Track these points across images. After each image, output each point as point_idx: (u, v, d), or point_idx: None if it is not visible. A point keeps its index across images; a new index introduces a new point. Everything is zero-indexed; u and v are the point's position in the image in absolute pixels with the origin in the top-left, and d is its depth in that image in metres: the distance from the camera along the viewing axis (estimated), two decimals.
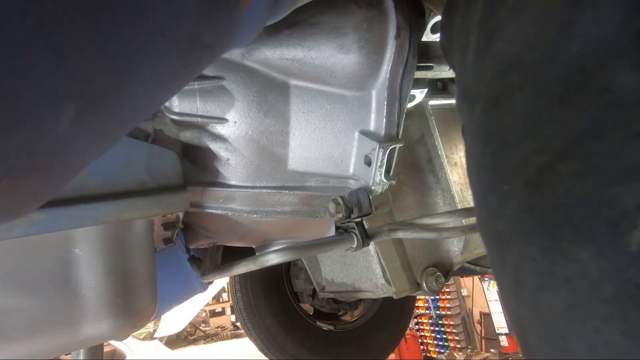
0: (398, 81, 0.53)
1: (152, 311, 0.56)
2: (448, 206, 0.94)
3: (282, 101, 0.56)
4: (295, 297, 1.61)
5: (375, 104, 0.56)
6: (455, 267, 0.94)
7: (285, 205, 0.66)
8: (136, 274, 0.54)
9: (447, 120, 1.07)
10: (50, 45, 0.16)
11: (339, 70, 0.52)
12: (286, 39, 0.50)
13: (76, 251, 0.49)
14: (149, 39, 0.20)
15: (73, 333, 0.49)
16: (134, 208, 0.49)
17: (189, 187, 0.57)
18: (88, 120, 0.19)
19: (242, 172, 0.60)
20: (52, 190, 0.21)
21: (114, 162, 0.50)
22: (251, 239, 0.87)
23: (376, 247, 0.85)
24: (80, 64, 0.17)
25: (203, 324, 7.02)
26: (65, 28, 0.16)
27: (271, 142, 0.57)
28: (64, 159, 0.20)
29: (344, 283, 1.03)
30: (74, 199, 0.46)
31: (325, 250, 0.60)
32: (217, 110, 0.54)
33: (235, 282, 1.55)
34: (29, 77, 0.16)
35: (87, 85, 0.18)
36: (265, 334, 1.50)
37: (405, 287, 0.87)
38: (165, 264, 1.09)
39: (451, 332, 7.14)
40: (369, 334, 1.66)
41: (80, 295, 0.49)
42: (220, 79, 0.53)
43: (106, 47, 0.18)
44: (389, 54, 0.52)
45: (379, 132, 0.56)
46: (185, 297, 1.21)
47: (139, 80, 0.21)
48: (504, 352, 6.32)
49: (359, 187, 0.60)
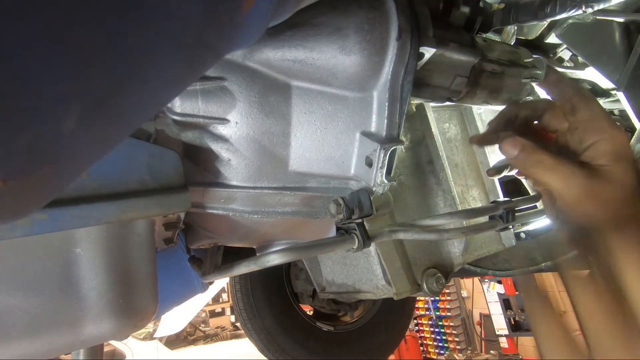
0: (399, 82, 0.53)
1: (153, 311, 0.56)
2: (449, 207, 0.94)
3: (284, 102, 0.56)
4: (295, 298, 1.61)
5: (377, 105, 0.56)
6: (456, 269, 0.94)
7: (286, 205, 0.66)
8: (137, 274, 0.54)
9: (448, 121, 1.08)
10: (57, 46, 0.16)
11: (340, 71, 0.52)
12: (288, 40, 0.50)
13: (77, 251, 0.49)
14: (154, 40, 0.20)
15: (74, 333, 0.49)
16: (135, 208, 0.49)
17: (191, 187, 0.57)
18: (93, 120, 0.20)
19: (244, 172, 0.60)
20: (56, 190, 0.21)
21: (115, 162, 0.50)
22: (252, 239, 0.87)
23: (377, 248, 0.85)
24: (86, 65, 0.17)
25: (203, 324, 7.02)
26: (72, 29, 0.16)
27: (272, 143, 0.58)
28: (69, 159, 0.20)
29: (345, 284, 1.03)
30: (76, 199, 0.46)
31: (326, 251, 0.60)
32: (218, 111, 0.54)
33: (235, 283, 1.55)
34: (34, 78, 0.16)
35: (92, 85, 0.18)
36: (265, 334, 1.50)
37: (405, 288, 0.87)
38: (165, 264, 1.09)
39: (451, 334, 7.14)
40: (369, 335, 1.66)
41: (82, 295, 0.49)
42: (222, 79, 0.53)
43: (111, 48, 0.18)
44: (391, 56, 0.52)
45: (380, 133, 0.56)
46: (186, 297, 1.21)
47: (144, 81, 0.21)
48: (503, 354, 6.32)
49: (360, 188, 0.60)
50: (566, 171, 0.50)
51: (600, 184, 0.49)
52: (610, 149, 0.50)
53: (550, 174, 0.51)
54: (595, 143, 0.51)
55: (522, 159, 0.53)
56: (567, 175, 0.50)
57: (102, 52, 0.18)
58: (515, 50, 0.75)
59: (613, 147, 0.50)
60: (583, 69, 1.18)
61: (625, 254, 0.49)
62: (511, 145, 0.54)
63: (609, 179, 0.49)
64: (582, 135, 0.52)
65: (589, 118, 0.52)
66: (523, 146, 0.53)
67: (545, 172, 0.52)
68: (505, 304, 6.07)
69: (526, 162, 0.53)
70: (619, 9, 0.98)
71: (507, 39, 0.98)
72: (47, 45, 0.16)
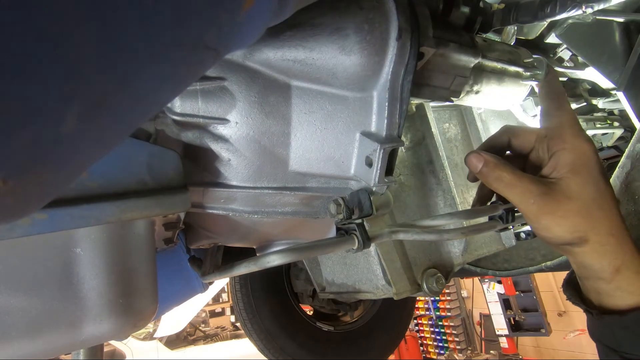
0: (399, 82, 0.53)
1: (153, 311, 0.56)
2: (449, 207, 0.94)
3: (284, 102, 0.56)
4: (295, 298, 1.61)
5: (377, 105, 0.56)
6: (456, 269, 0.94)
7: (286, 205, 0.66)
8: (137, 274, 0.54)
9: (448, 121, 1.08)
10: (57, 46, 0.16)
11: (340, 71, 0.52)
12: (288, 40, 0.50)
13: (77, 251, 0.49)
14: (154, 40, 0.20)
15: (74, 333, 0.49)
16: (135, 208, 0.49)
17: (190, 187, 0.57)
18: (92, 120, 0.20)
19: (244, 172, 0.60)
20: (56, 190, 0.21)
21: (115, 162, 0.50)
22: (252, 239, 0.87)
23: (377, 248, 0.85)
24: (86, 65, 0.17)
25: (203, 324, 7.02)
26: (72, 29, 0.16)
27: (272, 143, 0.58)
28: (69, 159, 0.20)
29: (345, 284, 1.03)
30: (76, 199, 0.46)
31: (326, 251, 0.60)
32: (218, 111, 0.54)
33: (235, 283, 1.55)
34: (34, 78, 0.16)
35: (92, 85, 0.18)
36: (265, 334, 1.50)
37: (405, 288, 0.87)
38: (165, 264, 1.09)
39: (451, 334, 7.14)
40: (369, 335, 1.66)
41: (82, 295, 0.49)
42: (222, 79, 0.53)
43: (112, 48, 0.18)
44: (391, 56, 0.52)
45: (380, 133, 0.56)
46: (186, 297, 1.21)
47: (143, 81, 0.21)
48: (503, 354, 6.32)
49: (360, 188, 0.60)
50: (522, 188, 0.51)
51: (555, 200, 0.50)
52: (569, 160, 0.51)
53: (508, 190, 0.53)
54: (556, 153, 0.52)
55: (485, 174, 0.55)
56: (523, 192, 0.51)
57: (102, 52, 0.18)
58: (515, 50, 0.75)
59: (572, 158, 0.51)
60: (583, 69, 1.18)
61: (584, 270, 0.52)
62: (476, 160, 0.55)
63: (564, 193, 0.50)
64: (548, 143, 0.53)
65: (556, 126, 0.53)
66: (486, 161, 0.54)
67: (504, 188, 0.53)
68: (505, 304, 6.07)
69: (489, 177, 0.54)
70: (619, 9, 0.98)
71: (507, 39, 0.98)
72: (47, 45, 0.16)
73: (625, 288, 0.49)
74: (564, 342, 5.78)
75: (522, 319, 5.94)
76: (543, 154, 0.54)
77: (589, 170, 0.50)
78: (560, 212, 0.50)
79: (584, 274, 0.53)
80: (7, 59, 0.15)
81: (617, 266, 0.49)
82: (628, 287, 0.49)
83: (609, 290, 0.50)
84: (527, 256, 1.38)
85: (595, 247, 0.49)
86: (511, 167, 0.53)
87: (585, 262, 0.51)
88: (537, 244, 1.35)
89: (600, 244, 0.49)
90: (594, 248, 0.49)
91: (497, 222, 0.65)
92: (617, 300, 0.50)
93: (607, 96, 1.38)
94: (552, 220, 0.50)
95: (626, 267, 0.49)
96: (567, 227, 0.50)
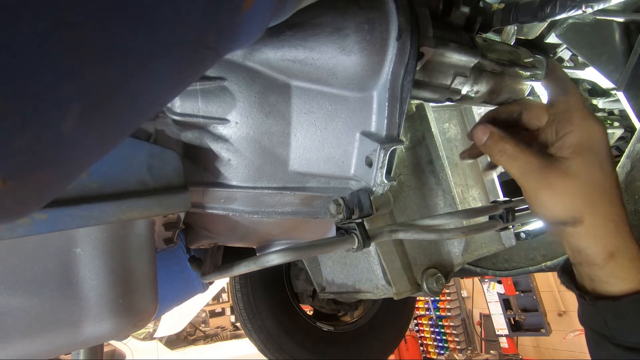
0: (399, 82, 0.53)
1: (153, 311, 0.56)
2: (449, 207, 0.94)
3: (284, 102, 0.56)
4: (295, 298, 1.61)
5: (377, 105, 0.56)
6: (456, 269, 0.94)
7: (286, 205, 0.66)
8: (137, 274, 0.54)
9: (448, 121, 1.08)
10: (57, 46, 0.16)
11: (340, 71, 0.52)
12: (288, 40, 0.50)
13: (78, 251, 0.49)
14: (154, 40, 0.20)
15: (74, 333, 0.49)
16: (135, 208, 0.49)
17: (190, 187, 0.57)
18: (92, 121, 0.20)
19: (243, 172, 0.60)
20: (57, 191, 0.21)
21: (115, 163, 0.50)
22: (252, 239, 0.87)
23: (377, 248, 0.85)
24: (86, 65, 0.17)
25: (203, 324, 7.02)
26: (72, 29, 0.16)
27: (272, 143, 0.58)
28: (69, 159, 0.20)
29: (345, 284, 1.03)
30: (76, 199, 0.46)
31: (326, 251, 0.60)
32: (218, 111, 0.54)
33: (235, 283, 1.55)
34: (34, 78, 0.16)
35: (92, 85, 0.18)
36: (265, 334, 1.50)
37: (405, 288, 0.87)
38: (165, 264, 1.09)
39: (451, 334, 7.14)
40: (369, 335, 1.66)
41: (82, 295, 0.49)
42: (222, 79, 0.53)
43: (112, 48, 0.18)
44: (391, 56, 0.52)
45: (380, 133, 0.56)
46: (186, 297, 1.21)
47: (143, 81, 0.21)
48: (503, 354, 6.32)
49: (360, 188, 0.60)
50: (524, 160, 0.52)
51: (554, 175, 0.50)
52: (575, 141, 0.50)
53: (510, 162, 0.53)
54: (565, 135, 0.52)
55: (489, 146, 0.55)
56: (524, 164, 0.52)
57: (101, 52, 0.18)
58: (515, 50, 0.75)
59: (579, 140, 0.50)
60: (583, 69, 1.18)
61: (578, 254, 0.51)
62: (481, 132, 0.56)
63: (565, 171, 0.49)
64: (556, 127, 0.53)
65: (564, 110, 0.53)
66: (491, 133, 0.55)
67: (506, 160, 0.53)
68: (505, 304, 6.07)
69: (492, 149, 0.55)
70: (619, 9, 0.98)
71: (507, 39, 0.98)
72: (47, 46, 0.16)
73: (618, 274, 0.49)
74: (564, 342, 5.78)
75: (522, 319, 5.94)
76: (552, 137, 0.54)
77: (594, 153, 0.50)
78: (559, 188, 0.49)
79: (577, 260, 0.52)
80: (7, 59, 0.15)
81: (611, 251, 0.48)
82: (621, 274, 0.49)
83: (602, 277, 0.50)
84: (527, 256, 1.38)
85: (589, 229, 0.49)
86: (515, 141, 0.53)
87: (579, 246, 0.50)
88: (537, 244, 1.35)
89: (595, 226, 0.49)
90: (588, 230, 0.49)
91: (497, 222, 0.66)
92: (610, 287, 0.50)
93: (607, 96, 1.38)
94: (550, 196, 0.50)
95: (620, 253, 0.48)
96: (563, 205, 0.49)
